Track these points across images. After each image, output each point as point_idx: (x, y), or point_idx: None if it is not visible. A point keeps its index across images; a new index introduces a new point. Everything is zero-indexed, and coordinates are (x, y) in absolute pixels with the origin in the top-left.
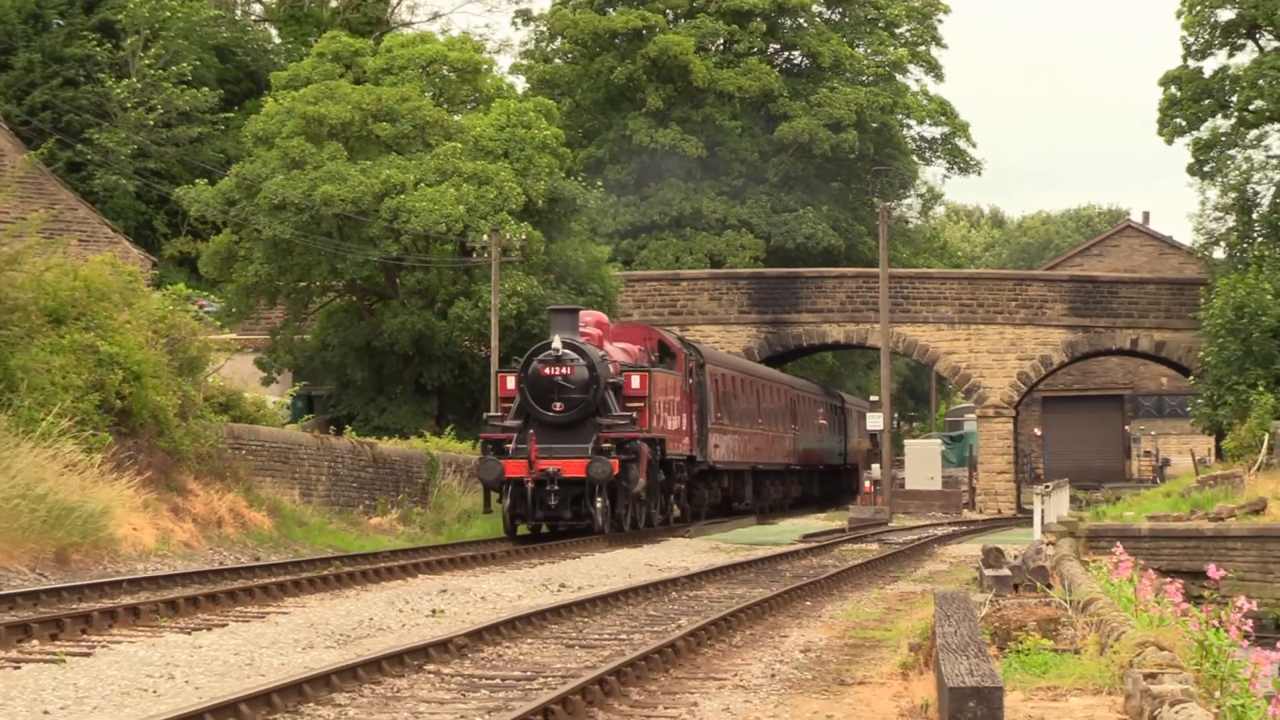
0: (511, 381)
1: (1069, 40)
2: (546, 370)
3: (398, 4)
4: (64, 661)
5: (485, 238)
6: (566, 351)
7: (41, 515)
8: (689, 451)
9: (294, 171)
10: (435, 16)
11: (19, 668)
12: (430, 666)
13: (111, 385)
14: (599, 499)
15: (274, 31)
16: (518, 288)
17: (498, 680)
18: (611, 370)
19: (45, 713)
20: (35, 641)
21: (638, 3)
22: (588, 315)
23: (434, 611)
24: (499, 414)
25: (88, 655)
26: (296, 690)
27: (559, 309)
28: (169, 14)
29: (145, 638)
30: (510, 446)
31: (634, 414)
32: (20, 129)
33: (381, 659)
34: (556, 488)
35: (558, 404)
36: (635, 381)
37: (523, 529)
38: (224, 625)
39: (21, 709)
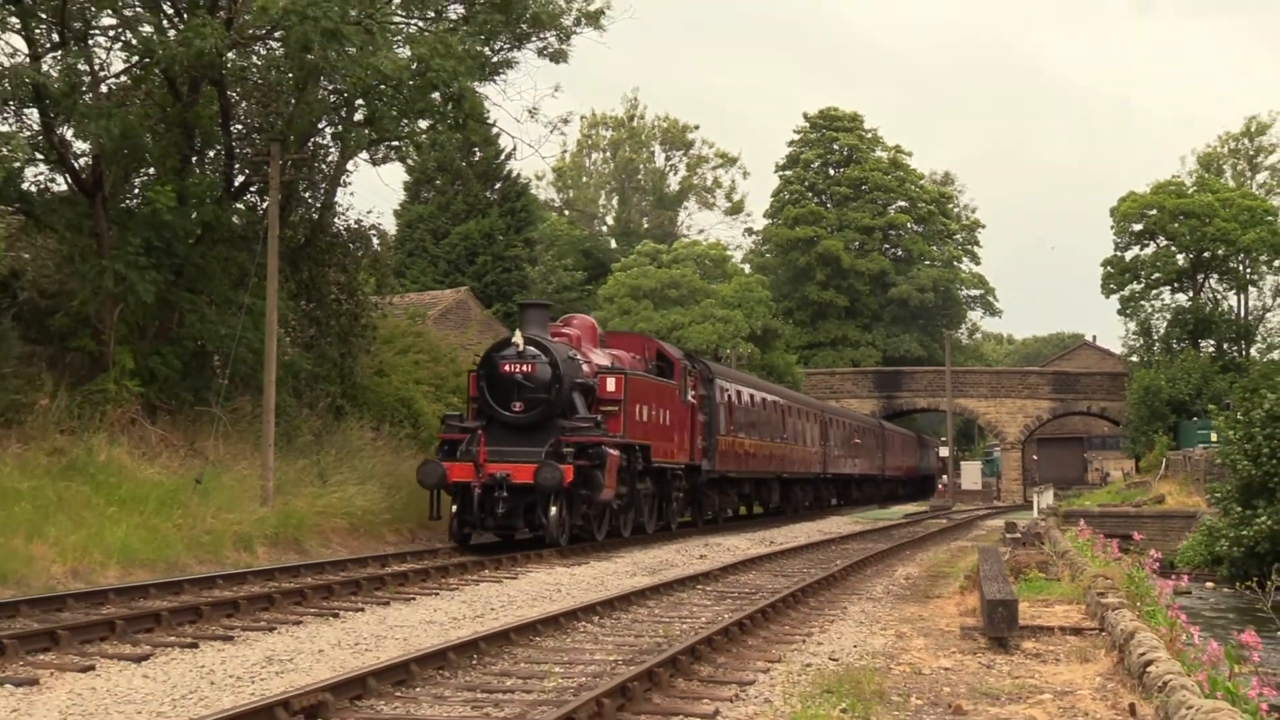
0: None
1: (1053, 231)
2: (506, 367)
3: (680, 224)
4: (502, 582)
5: (728, 351)
6: (529, 348)
7: None
8: (689, 460)
9: (624, 316)
10: (701, 231)
11: (478, 584)
12: (699, 586)
13: None
14: (553, 507)
15: (613, 241)
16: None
17: (736, 593)
18: (585, 371)
19: (491, 608)
20: (487, 570)
21: (810, 222)
22: (574, 318)
23: (701, 556)
24: (457, 414)
25: (515, 579)
26: (626, 599)
27: (529, 303)
28: (559, 234)
29: (546, 570)
30: (461, 448)
31: (600, 418)
32: (480, 296)
33: (673, 582)
34: (505, 494)
35: (517, 404)
36: (610, 384)
37: (488, 536)
38: (587, 564)
39: (479, 606)
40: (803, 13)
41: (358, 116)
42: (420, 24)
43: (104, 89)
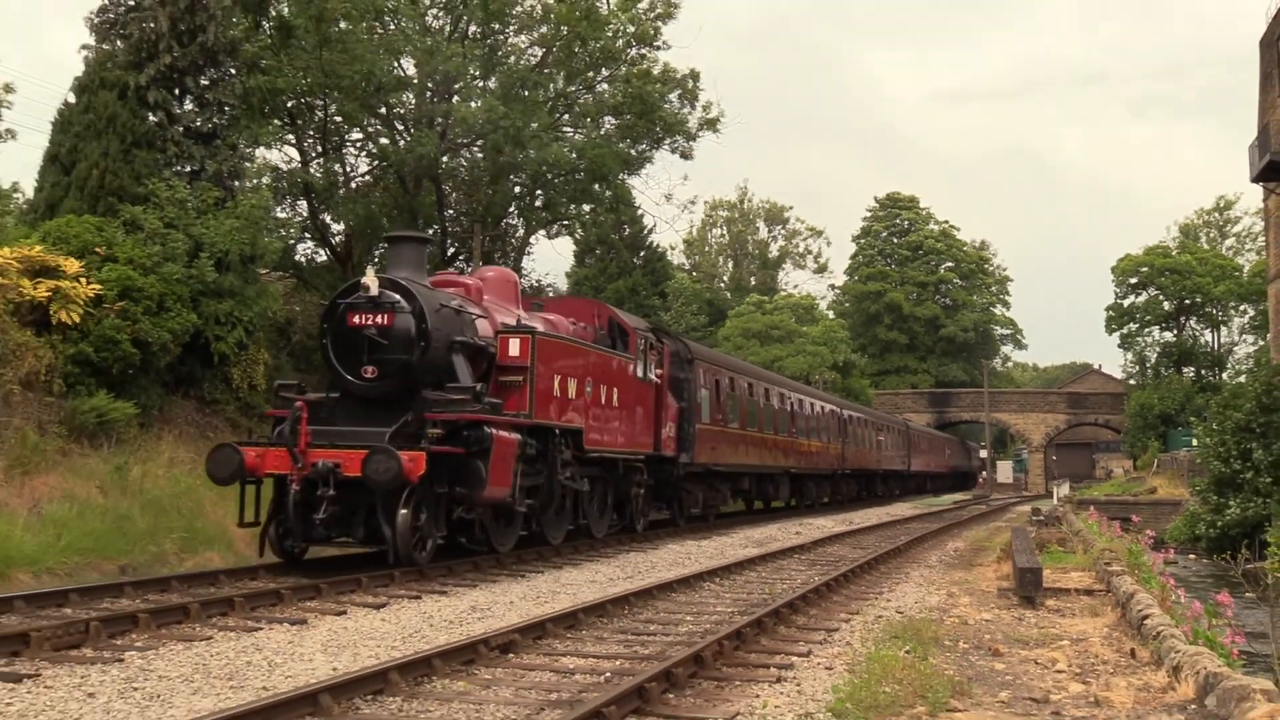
0: None
1: (1067, 282)
2: (355, 318)
3: (779, 281)
4: (646, 551)
5: (816, 377)
6: (385, 293)
7: None
8: (654, 450)
9: (737, 351)
10: (795, 286)
11: (629, 553)
12: (796, 555)
13: None
14: (403, 509)
15: (729, 294)
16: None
17: (824, 562)
18: (481, 329)
19: (638, 571)
20: (623, 548)
21: (879, 279)
22: (488, 269)
23: (797, 533)
24: (293, 383)
25: (655, 549)
26: (739, 565)
27: (396, 235)
28: (687, 288)
29: (677, 542)
30: (281, 428)
31: (481, 387)
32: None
33: (775, 553)
34: (332, 491)
35: (369, 368)
36: (514, 347)
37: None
38: (710, 539)
39: (630, 569)
40: (874, 122)
41: (538, 203)
42: (582, 132)
43: (353, 185)
